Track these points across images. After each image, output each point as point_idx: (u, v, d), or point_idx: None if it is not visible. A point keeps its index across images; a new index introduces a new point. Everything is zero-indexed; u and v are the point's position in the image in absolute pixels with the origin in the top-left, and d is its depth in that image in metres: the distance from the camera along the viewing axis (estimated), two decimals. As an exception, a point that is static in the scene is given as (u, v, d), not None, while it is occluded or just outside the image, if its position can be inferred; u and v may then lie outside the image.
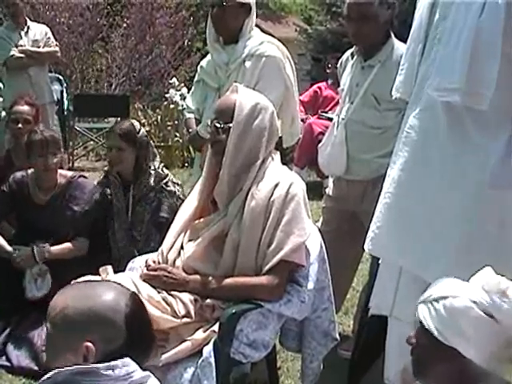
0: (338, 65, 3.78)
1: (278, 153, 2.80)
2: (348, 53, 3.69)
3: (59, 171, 3.71)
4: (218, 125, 2.64)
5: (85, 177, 3.81)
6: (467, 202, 2.30)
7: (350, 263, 3.70)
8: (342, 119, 3.49)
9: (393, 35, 3.45)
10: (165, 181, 3.69)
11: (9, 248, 3.56)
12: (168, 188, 3.66)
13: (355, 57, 3.54)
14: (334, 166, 3.53)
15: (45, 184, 3.65)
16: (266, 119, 2.66)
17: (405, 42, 2.75)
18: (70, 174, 3.79)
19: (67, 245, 3.60)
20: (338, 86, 3.78)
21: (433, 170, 2.36)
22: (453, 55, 2.23)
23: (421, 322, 1.81)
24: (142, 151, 3.66)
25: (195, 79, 3.84)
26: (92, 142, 9.63)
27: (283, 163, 2.81)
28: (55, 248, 3.57)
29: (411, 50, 2.48)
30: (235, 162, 2.62)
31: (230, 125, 2.61)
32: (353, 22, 3.37)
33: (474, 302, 1.75)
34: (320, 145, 3.70)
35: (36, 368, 3.30)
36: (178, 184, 3.75)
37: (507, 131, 2.29)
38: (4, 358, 3.40)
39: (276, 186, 2.61)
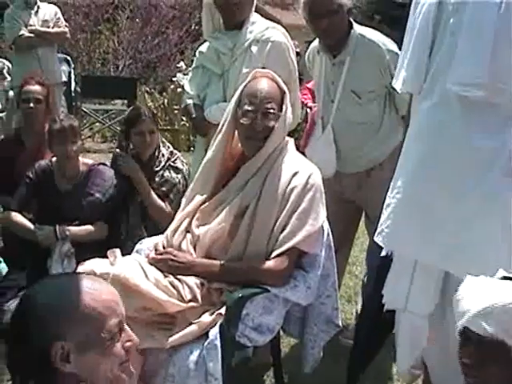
0: (306, 59, 3.70)
1: (292, 139, 2.83)
2: (314, 45, 3.61)
3: (81, 160, 3.78)
4: (272, 110, 2.68)
5: (105, 164, 3.87)
6: (485, 189, 2.27)
7: (348, 245, 3.76)
8: (327, 121, 3.48)
9: (353, 22, 3.40)
10: (173, 158, 3.75)
11: (31, 226, 3.64)
12: (175, 164, 3.72)
13: (321, 54, 3.49)
14: (325, 170, 3.30)
15: (68, 172, 3.73)
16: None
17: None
18: (90, 162, 3.87)
19: (87, 227, 3.67)
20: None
21: (448, 160, 2.33)
22: (473, 49, 2.20)
23: (479, 335, 1.75)
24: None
25: (193, 65, 3.79)
26: (98, 124, 9.63)
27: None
28: (76, 228, 3.64)
29: (418, 44, 2.40)
30: (275, 145, 2.70)
31: (280, 113, 2.69)
32: (321, 18, 3.29)
33: None
34: (307, 148, 3.65)
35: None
36: (186, 163, 3.80)
37: None
38: None
39: (295, 174, 2.66)
